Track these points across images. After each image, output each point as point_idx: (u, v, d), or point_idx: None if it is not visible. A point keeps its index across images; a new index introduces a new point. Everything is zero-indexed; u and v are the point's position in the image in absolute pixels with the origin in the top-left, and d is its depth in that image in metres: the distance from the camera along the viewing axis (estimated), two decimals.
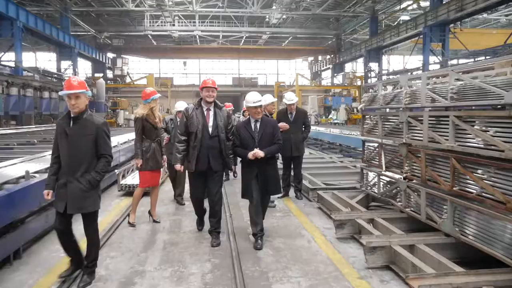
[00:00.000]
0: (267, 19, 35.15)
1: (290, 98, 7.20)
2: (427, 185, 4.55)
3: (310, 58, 46.62)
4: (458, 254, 3.97)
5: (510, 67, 3.58)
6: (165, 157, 5.97)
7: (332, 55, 40.61)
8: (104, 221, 5.75)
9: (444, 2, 21.76)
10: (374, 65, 32.34)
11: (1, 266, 4.09)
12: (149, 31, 36.01)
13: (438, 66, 22.57)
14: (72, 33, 28.79)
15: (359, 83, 34.12)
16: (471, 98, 3.81)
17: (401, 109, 5.07)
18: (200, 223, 5.39)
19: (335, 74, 40.29)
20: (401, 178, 5.08)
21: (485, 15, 28.76)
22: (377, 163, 5.86)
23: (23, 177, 4.69)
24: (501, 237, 3.39)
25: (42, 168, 5.31)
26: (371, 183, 6.02)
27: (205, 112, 4.85)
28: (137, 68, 46.04)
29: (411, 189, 4.79)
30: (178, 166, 4.89)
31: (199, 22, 35.07)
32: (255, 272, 3.97)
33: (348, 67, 41.16)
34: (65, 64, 28.28)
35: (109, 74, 37.69)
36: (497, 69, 3.71)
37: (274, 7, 32.17)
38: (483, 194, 3.66)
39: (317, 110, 28.38)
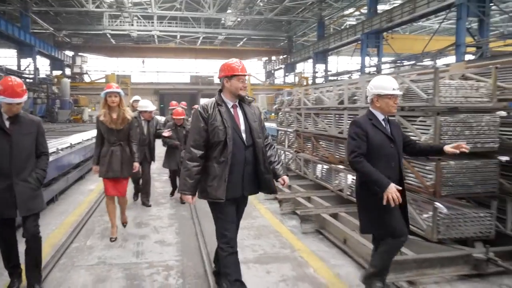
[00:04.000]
0: (223, 21, 37.68)
1: None
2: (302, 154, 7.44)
3: (264, 58, 49.44)
4: None
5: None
6: (136, 164, 5.10)
7: (284, 56, 43.72)
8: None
9: (378, 13, 25.05)
10: (321, 66, 35.54)
11: (49, 204, 6.62)
12: (108, 30, 37.45)
13: (374, 68, 26.10)
14: (31, 31, 29.79)
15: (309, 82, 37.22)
16: (319, 103, 6.71)
17: (293, 109, 7.91)
18: None
19: (287, 74, 43.53)
20: (293, 151, 7.90)
21: (420, 22, 32.52)
22: (284, 144, 8.69)
23: None
24: (329, 176, 6.17)
25: None
26: (282, 157, 8.85)
27: (232, 111, 3.30)
28: (96, 66, 47.13)
29: (297, 158, 7.59)
30: (190, 198, 3.27)
31: (157, 22, 36.81)
32: (202, 202, 6.49)
33: (300, 67, 44.35)
34: (25, 61, 29.45)
35: (68, 71, 38.78)
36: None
37: (229, 11, 34.91)
38: (325, 156, 6.46)
39: (266, 108, 31.06)
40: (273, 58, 47.63)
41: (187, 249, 4.80)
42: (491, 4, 17.50)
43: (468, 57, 18.20)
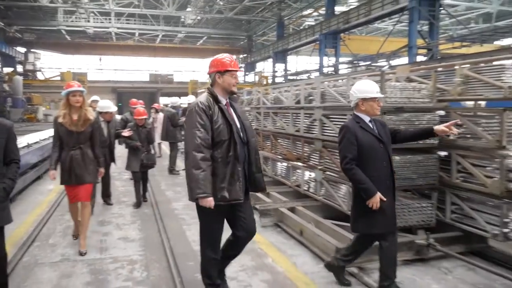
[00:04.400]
0: (182, 19, 37.42)
1: (189, 100, 10.11)
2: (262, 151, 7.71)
3: None
4: (325, 214, 5.67)
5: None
6: (102, 170, 4.82)
7: (244, 55, 43.95)
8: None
9: (335, 14, 25.76)
10: (281, 66, 36.05)
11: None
12: (63, 26, 36.27)
13: (332, 68, 26.85)
14: None
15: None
16: (278, 103, 7.00)
17: (252, 108, 8.16)
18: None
19: (247, 73, 43.79)
20: None
21: (376, 24, 33.65)
22: None
23: None
24: (287, 173, 6.47)
25: None
26: None
27: (225, 109, 3.21)
28: (50, 63, 45.57)
29: None
30: (212, 201, 3.01)
31: (114, 19, 36.07)
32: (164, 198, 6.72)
33: (260, 66, 44.73)
34: None
35: (20, 68, 37.28)
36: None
37: (189, 9, 34.74)
38: (283, 153, 6.76)
39: None
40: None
41: (150, 244, 4.95)
42: (440, 9, 18.45)
43: (420, 58, 19.05)
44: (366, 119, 3.56)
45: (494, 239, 4.14)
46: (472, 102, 5.36)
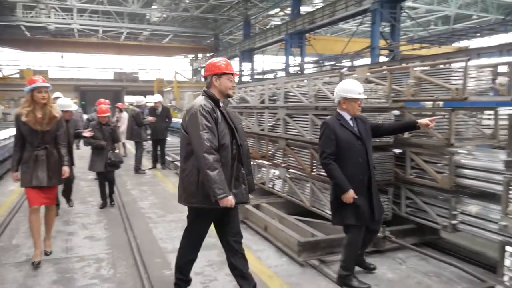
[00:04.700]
0: (148, 17, 36.94)
1: (155, 98, 10.06)
2: None
3: (191, 56, 49.20)
4: (289, 210, 5.91)
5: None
6: (66, 168, 4.48)
7: (211, 54, 43.81)
8: None
9: (301, 15, 26.15)
10: (248, 65, 36.21)
11: None
12: (22, 22, 34.98)
13: (298, 68, 27.25)
14: None
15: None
16: (243, 102, 7.16)
17: None
18: None
19: None
20: None
21: (340, 25, 34.32)
22: None
23: None
24: (258, 173, 6.62)
25: None
26: None
27: (225, 112, 3.27)
28: (9, 60, 43.99)
29: None
30: (233, 199, 3.07)
31: (77, 15, 35.19)
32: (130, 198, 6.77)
33: None
34: None
35: None
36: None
37: (154, 7, 34.36)
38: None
39: None
40: (200, 55, 47.58)
41: (117, 243, 4.98)
42: (401, 11, 19.11)
43: (382, 59, 19.65)
44: (347, 117, 3.77)
45: (444, 230, 4.44)
46: (430, 102, 5.66)
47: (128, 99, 36.40)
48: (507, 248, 3.02)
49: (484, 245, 4.65)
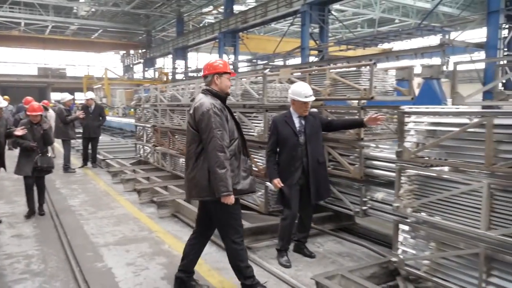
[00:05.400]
0: (75, 10, 35.40)
1: (89, 96, 9.92)
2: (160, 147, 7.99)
3: (122, 52, 47.82)
4: None
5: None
6: None
7: (143, 50, 42.93)
8: None
9: (234, 14, 26.49)
10: (182, 62, 35.92)
11: None
12: None
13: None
14: None
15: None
16: (174, 100, 7.43)
17: (151, 105, 8.40)
18: None
19: (146, 69, 42.90)
20: (152, 146, 8.42)
21: (273, 25, 35.14)
22: (143, 139, 9.12)
23: None
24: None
25: None
26: (141, 152, 9.22)
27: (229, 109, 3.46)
28: None
29: (156, 151, 8.16)
30: (233, 198, 3.23)
31: None
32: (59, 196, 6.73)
33: (160, 62, 44.00)
34: None
35: None
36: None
37: (82, 0, 33.02)
38: (180, 148, 7.14)
39: (125, 103, 30.21)
40: (132, 52, 46.40)
41: (46, 239, 5.00)
42: (329, 13, 20.08)
43: (312, 59, 20.49)
44: (294, 115, 4.27)
45: (356, 216, 4.95)
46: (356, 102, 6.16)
47: (55, 96, 34.73)
48: (400, 226, 3.54)
49: (391, 228, 5.24)
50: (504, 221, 2.76)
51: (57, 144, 11.76)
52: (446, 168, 3.22)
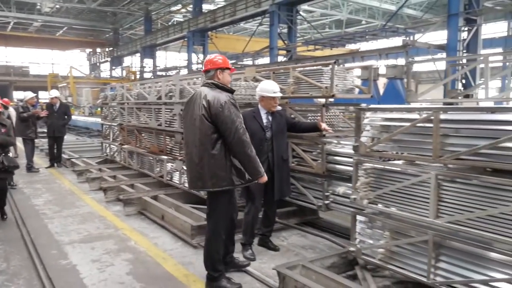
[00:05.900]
0: (39, 6, 34.36)
1: (53, 94, 9.75)
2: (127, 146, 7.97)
3: (88, 50, 46.80)
4: (185, 200, 6.20)
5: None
6: None
7: (110, 49, 42.13)
8: None
9: (203, 13, 26.41)
10: (150, 61, 35.49)
11: None
12: None
13: (201, 65, 27.46)
14: None
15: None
16: (141, 99, 7.44)
17: (117, 103, 8.36)
18: None
19: (114, 67, 42.15)
20: (118, 144, 8.36)
21: (242, 24, 35.20)
22: (109, 137, 9.02)
23: None
24: (152, 165, 6.87)
25: None
26: (107, 150, 9.14)
27: None
28: None
29: (122, 150, 8.13)
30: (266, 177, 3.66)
31: None
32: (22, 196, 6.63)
33: (128, 60, 43.33)
34: None
35: None
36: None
37: None
38: (147, 146, 7.14)
39: (91, 102, 29.65)
40: (98, 50, 45.46)
41: (8, 239, 4.93)
42: (298, 14, 20.35)
43: (280, 58, 20.70)
44: (262, 111, 4.47)
45: (319, 210, 5.11)
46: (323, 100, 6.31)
47: (18, 95, 33.62)
48: (358, 217, 3.70)
49: None
50: (451, 210, 2.96)
51: (19, 143, 11.48)
52: (400, 161, 3.41)
